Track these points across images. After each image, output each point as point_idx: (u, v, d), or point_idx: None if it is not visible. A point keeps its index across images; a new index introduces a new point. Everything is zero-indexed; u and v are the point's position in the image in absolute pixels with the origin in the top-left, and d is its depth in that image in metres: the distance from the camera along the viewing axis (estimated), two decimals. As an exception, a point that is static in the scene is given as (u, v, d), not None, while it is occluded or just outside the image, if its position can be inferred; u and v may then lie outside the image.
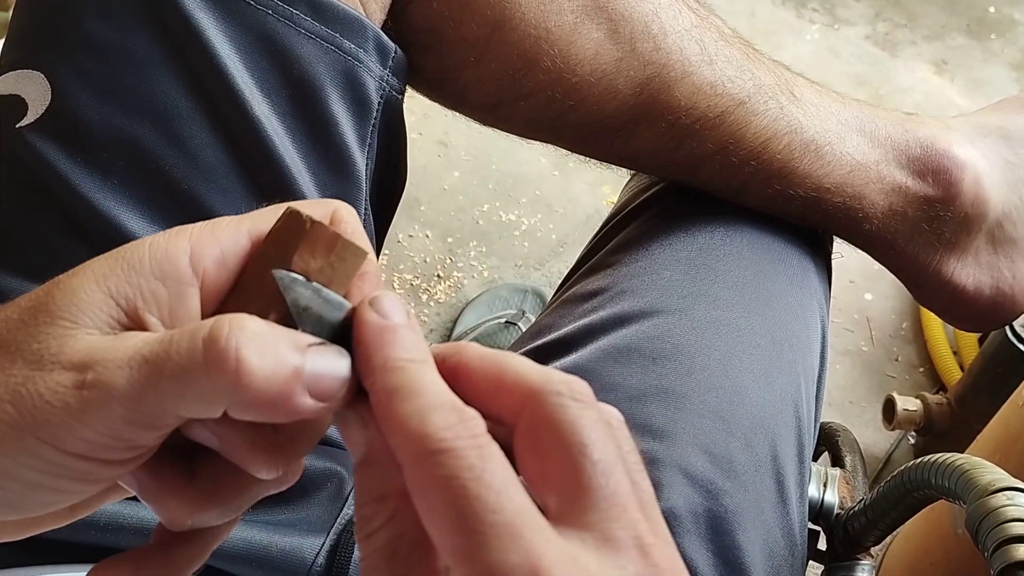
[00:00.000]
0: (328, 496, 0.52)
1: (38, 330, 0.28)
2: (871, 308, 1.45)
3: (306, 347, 0.27)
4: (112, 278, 0.29)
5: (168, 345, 0.27)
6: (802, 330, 0.63)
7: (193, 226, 0.30)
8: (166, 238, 0.29)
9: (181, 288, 0.29)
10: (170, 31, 0.47)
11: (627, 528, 0.26)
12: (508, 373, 0.28)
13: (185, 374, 0.26)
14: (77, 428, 0.27)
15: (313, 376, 0.27)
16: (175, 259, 0.29)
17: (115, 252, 0.29)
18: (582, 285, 0.65)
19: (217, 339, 0.26)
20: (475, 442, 0.25)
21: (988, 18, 1.91)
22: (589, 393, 0.28)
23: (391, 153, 0.56)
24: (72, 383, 0.27)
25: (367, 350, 0.28)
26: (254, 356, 0.26)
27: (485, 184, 1.54)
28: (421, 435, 0.25)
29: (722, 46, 0.61)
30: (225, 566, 0.49)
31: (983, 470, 0.49)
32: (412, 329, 0.28)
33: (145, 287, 0.29)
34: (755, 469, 0.55)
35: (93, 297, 0.28)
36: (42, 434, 0.27)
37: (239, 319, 0.27)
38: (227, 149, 0.48)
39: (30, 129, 0.47)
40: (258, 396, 0.26)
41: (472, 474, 0.25)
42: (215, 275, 0.30)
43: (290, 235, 0.29)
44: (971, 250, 0.67)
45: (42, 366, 0.27)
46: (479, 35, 0.56)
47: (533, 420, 0.27)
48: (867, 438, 1.31)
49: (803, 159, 0.62)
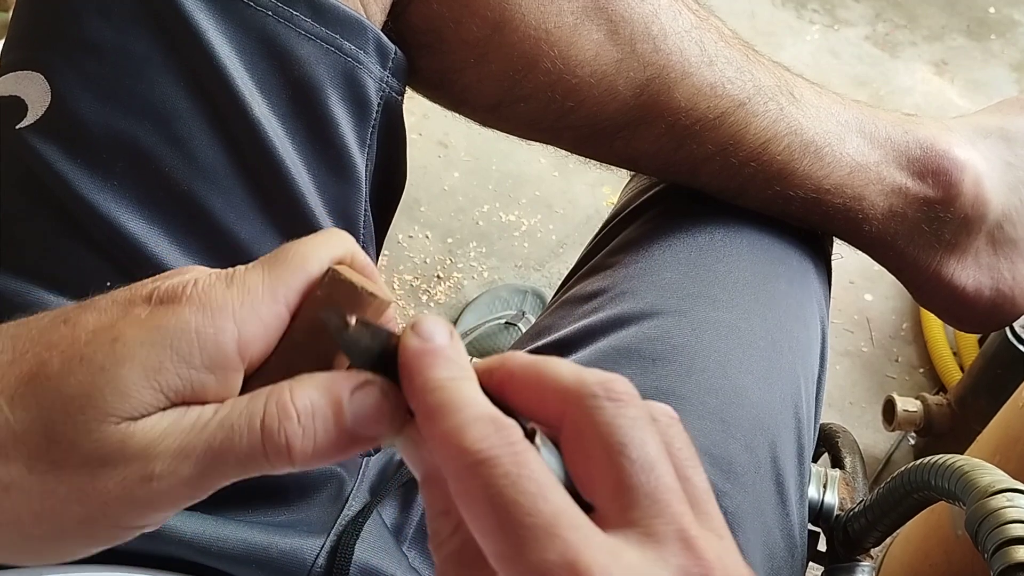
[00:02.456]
0: (328, 497, 0.52)
1: (89, 428, 0.28)
2: (871, 309, 1.45)
3: (351, 394, 0.29)
4: (163, 373, 0.29)
5: (230, 433, 0.28)
6: (802, 331, 0.63)
7: (231, 299, 0.30)
8: (211, 321, 0.29)
9: (228, 375, 0.30)
10: (170, 32, 0.47)
11: (670, 523, 0.26)
12: (547, 379, 0.29)
13: (247, 460, 0.28)
14: (143, 512, 0.29)
15: (357, 422, 0.29)
16: (224, 349, 0.30)
17: (159, 337, 0.29)
18: (582, 286, 0.65)
19: (271, 431, 0.28)
20: (511, 450, 0.26)
21: (988, 19, 1.91)
22: (629, 391, 0.28)
23: (391, 154, 0.56)
24: (139, 477, 0.28)
25: (409, 373, 0.29)
26: (300, 441, 0.28)
27: (485, 185, 1.54)
28: (460, 449, 0.26)
29: (722, 47, 0.61)
30: (224, 567, 0.48)
31: (983, 471, 0.49)
32: (453, 348, 0.29)
33: (196, 378, 0.29)
34: (755, 470, 0.55)
35: (143, 394, 0.29)
36: (107, 523, 0.28)
37: (284, 405, 0.29)
38: (227, 150, 0.48)
39: (30, 130, 0.47)
40: (314, 464, 0.29)
41: (508, 480, 0.25)
42: (256, 352, 0.31)
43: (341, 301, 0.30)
44: (971, 251, 0.67)
45: (104, 464, 0.28)
46: (479, 36, 0.56)
47: (573, 423, 0.28)
48: (867, 439, 1.31)
49: (803, 160, 0.62)
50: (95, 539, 0.29)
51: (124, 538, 0.30)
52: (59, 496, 0.28)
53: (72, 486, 0.28)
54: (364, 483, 0.54)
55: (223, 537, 0.48)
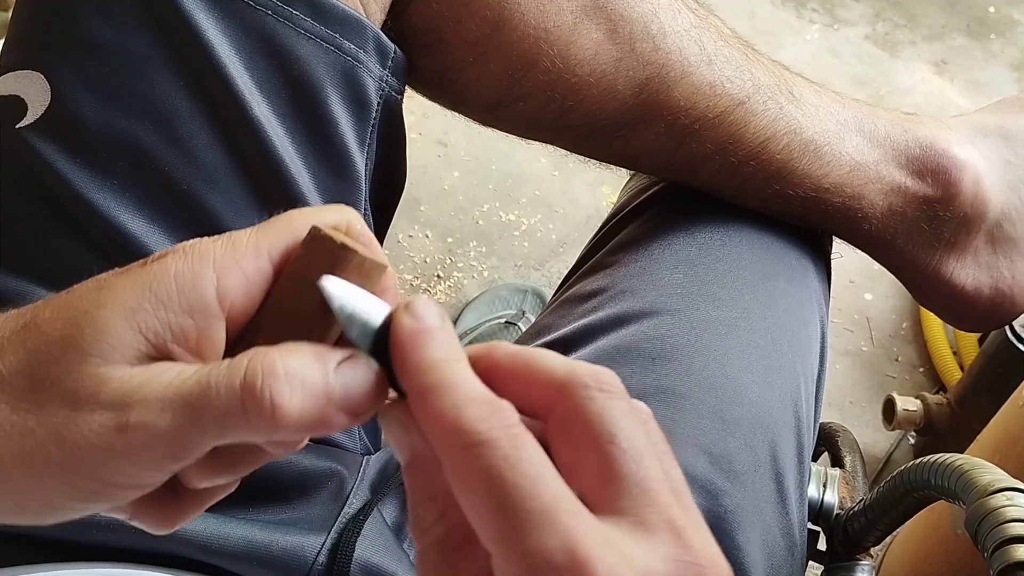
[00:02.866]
0: (329, 495, 0.52)
1: (70, 367, 0.28)
2: (871, 308, 1.45)
3: (336, 367, 0.28)
4: (141, 313, 0.29)
5: (207, 388, 0.28)
6: (802, 330, 0.63)
7: (214, 248, 0.30)
8: (191, 267, 0.30)
9: (209, 322, 0.30)
10: (170, 31, 0.47)
11: (660, 512, 0.26)
12: (536, 369, 0.29)
13: (226, 417, 0.28)
14: (121, 465, 0.28)
15: (344, 394, 0.28)
16: (203, 292, 0.29)
17: (140, 280, 0.30)
18: (582, 285, 0.65)
19: (253, 388, 0.27)
20: (509, 432, 0.26)
21: (988, 18, 1.91)
22: (616, 384, 0.28)
23: (391, 153, 0.56)
24: (114, 424, 0.28)
25: (403, 352, 0.28)
26: (288, 400, 0.27)
27: (485, 184, 1.54)
28: (457, 429, 0.26)
29: (721, 46, 0.61)
30: (226, 564, 0.49)
31: (983, 470, 0.49)
32: (445, 330, 0.29)
33: (174, 322, 0.29)
34: (754, 469, 0.55)
35: (122, 333, 0.29)
36: (86, 471, 0.28)
37: (270, 363, 0.28)
38: (227, 149, 0.49)
39: (30, 129, 0.47)
40: (295, 430, 0.28)
41: (508, 463, 0.25)
42: (241, 304, 0.30)
43: (321, 258, 0.30)
44: (970, 250, 0.67)
45: (80, 406, 0.28)
46: (478, 35, 0.56)
47: (563, 413, 0.28)
48: (867, 438, 1.31)
49: (802, 159, 0.62)
50: (76, 490, 0.29)
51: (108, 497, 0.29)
52: (37, 438, 0.28)
53: (49, 428, 0.28)
54: (365, 481, 0.55)
55: (224, 535, 0.48)
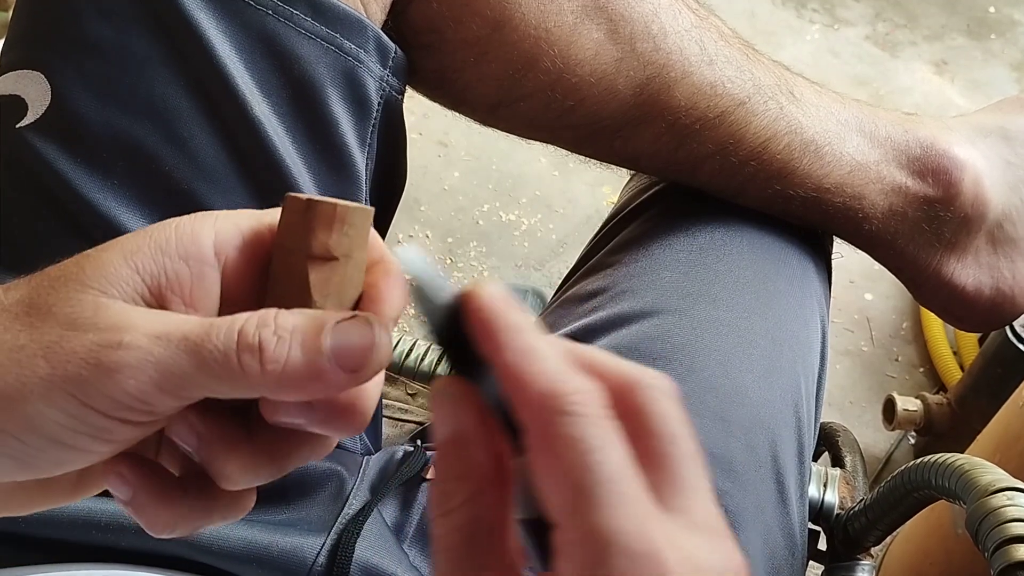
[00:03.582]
0: (329, 496, 0.52)
1: (69, 295, 0.29)
2: (871, 308, 1.45)
3: (333, 325, 0.29)
4: (139, 255, 0.30)
5: (209, 329, 0.29)
6: (802, 330, 0.63)
7: (217, 213, 0.32)
8: (191, 221, 0.31)
9: (203, 270, 0.31)
10: (170, 31, 0.47)
11: (708, 515, 0.28)
12: (607, 368, 0.29)
13: (222, 358, 0.28)
14: (107, 385, 0.28)
15: (339, 350, 0.29)
16: (200, 241, 0.31)
17: (144, 231, 0.31)
18: (582, 285, 0.65)
19: (246, 333, 0.28)
20: (606, 413, 0.27)
21: (988, 18, 1.91)
22: (676, 391, 0.29)
23: (391, 153, 0.56)
24: (107, 343, 0.28)
25: (492, 316, 0.28)
26: (274, 346, 0.28)
27: (485, 184, 1.54)
28: (556, 393, 0.27)
29: (722, 46, 0.61)
30: (226, 565, 0.49)
31: (983, 470, 0.49)
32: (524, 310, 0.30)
33: (170, 266, 0.30)
34: (755, 469, 0.55)
35: (121, 271, 0.30)
36: (71, 388, 0.28)
37: (265, 316, 0.29)
38: (227, 149, 0.49)
39: (30, 129, 0.47)
40: (285, 381, 0.28)
41: (599, 442, 0.26)
42: (236, 261, 0.31)
43: (298, 220, 0.31)
44: (971, 250, 0.67)
45: (76, 327, 0.29)
46: (479, 35, 0.56)
47: (632, 408, 0.28)
48: (867, 438, 1.31)
49: (803, 159, 0.62)
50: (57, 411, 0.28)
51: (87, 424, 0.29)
52: (26, 352, 0.28)
53: (40, 343, 0.28)
54: (364, 482, 0.54)
55: (224, 536, 0.48)
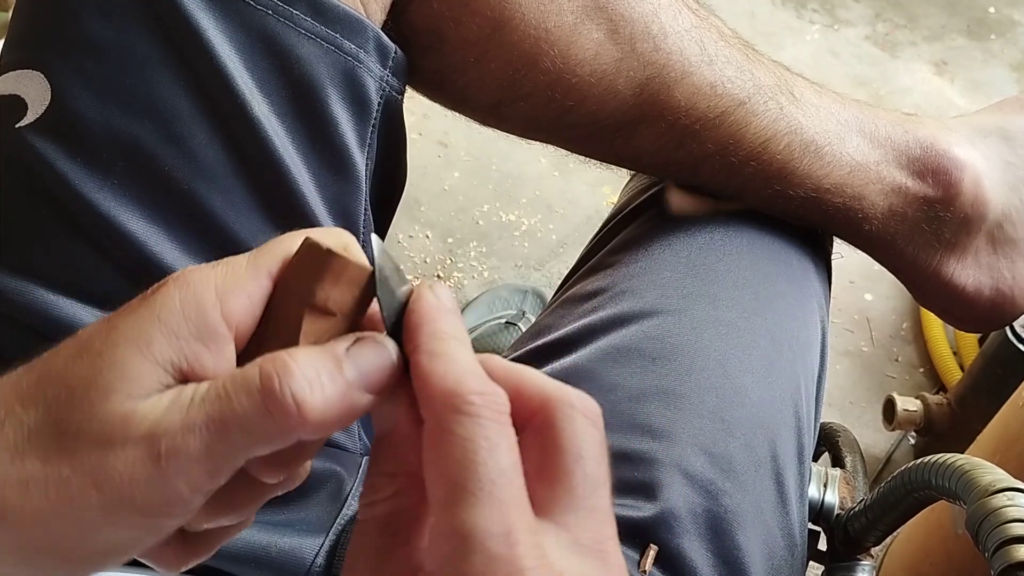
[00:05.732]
0: (328, 496, 0.52)
1: (94, 409, 0.29)
2: (871, 309, 1.45)
3: (345, 353, 0.29)
4: (155, 346, 0.29)
5: (228, 402, 0.28)
6: (802, 330, 0.63)
7: (214, 273, 0.31)
8: (194, 294, 0.30)
9: (219, 345, 0.30)
10: (170, 31, 0.47)
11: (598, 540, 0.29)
12: (528, 383, 0.30)
13: (253, 426, 0.28)
14: (162, 493, 0.28)
15: (360, 373, 0.29)
16: (209, 318, 0.30)
17: (147, 314, 0.30)
18: (582, 285, 0.65)
19: (272, 389, 0.28)
20: (500, 418, 0.28)
21: (988, 19, 1.91)
22: (599, 415, 0.30)
23: (391, 153, 0.56)
24: (147, 456, 0.28)
25: (420, 319, 0.29)
26: (309, 394, 0.28)
27: (485, 184, 1.54)
28: (453, 392, 0.27)
29: (722, 46, 0.61)
30: (224, 566, 0.49)
31: (983, 471, 0.49)
32: (459, 317, 0.30)
33: (188, 350, 0.30)
34: (755, 469, 0.55)
35: (142, 369, 0.29)
36: (129, 508, 0.28)
37: (282, 362, 0.28)
38: (227, 149, 0.48)
39: (30, 129, 0.47)
40: (323, 424, 0.28)
41: (487, 444, 0.27)
42: (246, 322, 0.31)
43: (309, 266, 0.30)
44: (971, 251, 0.67)
45: (111, 446, 0.28)
46: (479, 35, 0.56)
47: (544, 423, 0.29)
48: (867, 438, 1.31)
49: (803, 159, 0.62)
50: (123, 529, 0.29)
51: (155, 529, 0.29)
52: (74, 485, 0.28)
53: (84, 472, 0.28)
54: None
55: (223, 536, 0.48)
